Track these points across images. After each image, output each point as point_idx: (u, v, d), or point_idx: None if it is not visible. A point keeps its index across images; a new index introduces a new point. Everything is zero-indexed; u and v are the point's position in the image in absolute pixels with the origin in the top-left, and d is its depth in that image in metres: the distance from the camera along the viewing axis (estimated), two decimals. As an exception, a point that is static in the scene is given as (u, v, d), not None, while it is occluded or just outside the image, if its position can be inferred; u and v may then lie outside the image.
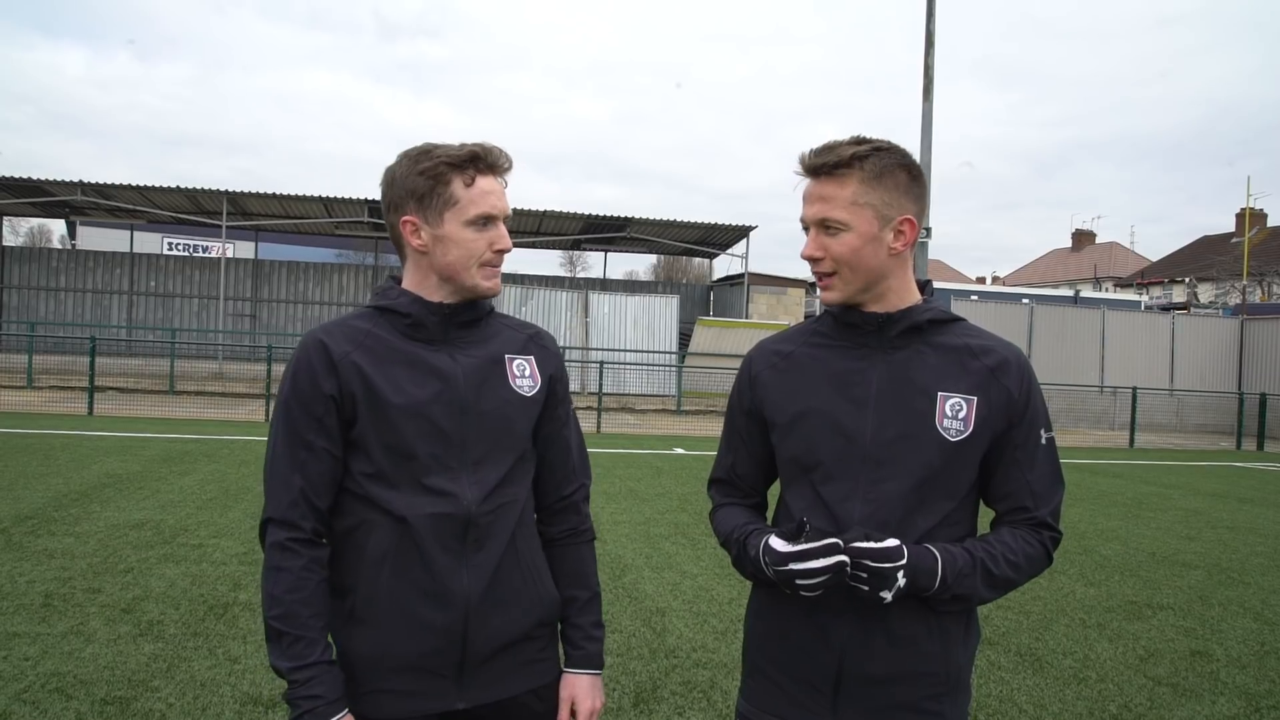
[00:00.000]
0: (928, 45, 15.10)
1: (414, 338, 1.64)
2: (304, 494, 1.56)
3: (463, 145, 1.62)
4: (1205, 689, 4.09)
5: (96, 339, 15.50)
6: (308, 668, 1.50)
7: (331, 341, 1.60)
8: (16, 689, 3.48)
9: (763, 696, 1.62)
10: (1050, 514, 1.58)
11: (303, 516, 1.56)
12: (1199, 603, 5.58)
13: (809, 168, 1.55)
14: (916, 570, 1.44)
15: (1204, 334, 23.09)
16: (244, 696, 3.51)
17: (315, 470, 1.57)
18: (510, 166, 1.66)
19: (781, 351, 1.68)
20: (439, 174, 1.59)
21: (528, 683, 1.68)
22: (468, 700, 1.62)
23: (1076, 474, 12.02)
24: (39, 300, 30.83)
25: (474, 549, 1.60)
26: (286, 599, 1.52)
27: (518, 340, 1.74)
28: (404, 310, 1.63)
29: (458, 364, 1.64)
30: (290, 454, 1.57)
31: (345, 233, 32.93)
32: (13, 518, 6.33)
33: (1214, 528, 8.34)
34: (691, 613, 4.89)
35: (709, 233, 29.56)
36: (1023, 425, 1.56)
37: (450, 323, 1.65)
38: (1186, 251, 50.73)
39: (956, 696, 1.57)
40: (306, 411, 1.58)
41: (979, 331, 1.62)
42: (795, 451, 1.60)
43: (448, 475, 1.59)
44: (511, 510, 1.65)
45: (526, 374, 1.71)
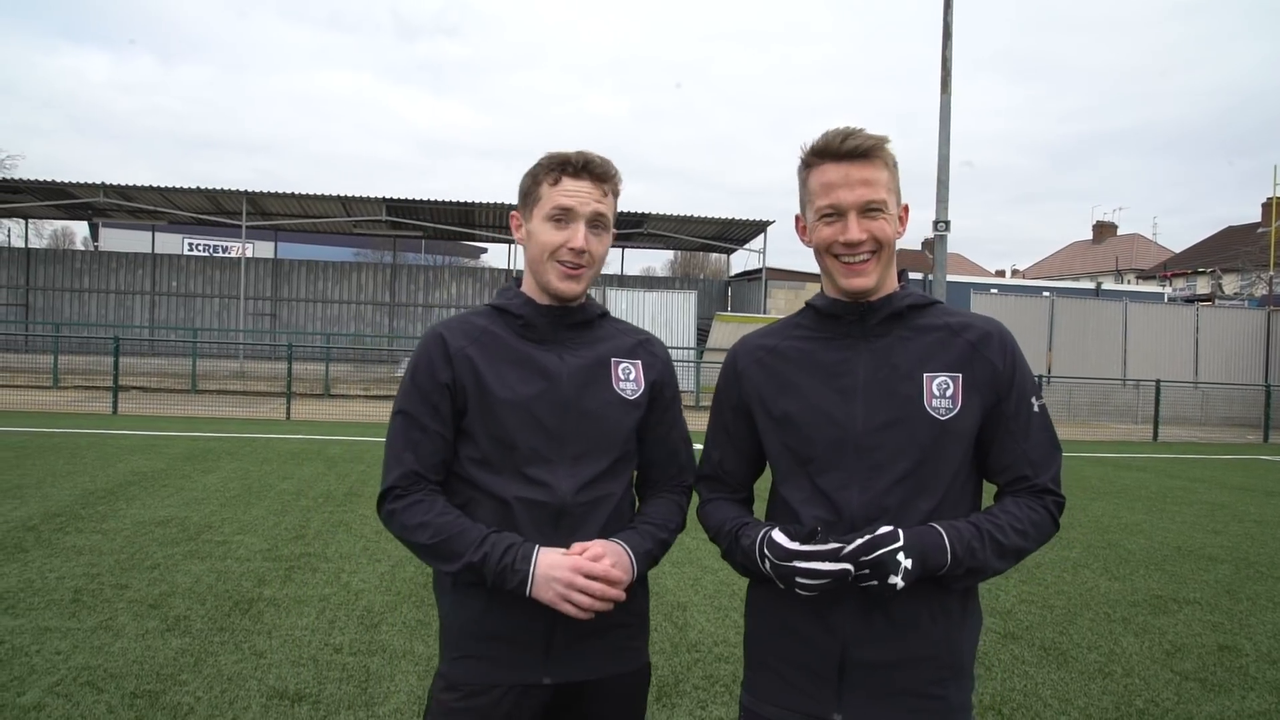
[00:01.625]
0: (945, 37, 14.97)
1: (526, 337, 1.75)
2: (416, 469, 1.70)
3: (565, 151, 1.74)
4: (1235, 684, 4.04)
5: (120, 339, 15.68)
6: (481, 545, 1.61)
7: (450, 336, 1.73)
8: (49, 682, 3.53)
9: (767, 688, 1.63)
10: (1051, 480, 1.59)
11: (414, 484, 1.69)
12: (1226, 597, 5.52)
13: (845, 150, 1.54)
14: (924, 549, 1.45)
15: (1229, 326, 22.80)
16: (270, 690, 3.55)
17: (428, 449, 1.70)
18: (609, 175, 1.75)
19: (766, 346, 1.70)
20: (536, 175, 1.75)
21: (613, 667, 1.74)
22: (553, 676, 1.69)
23: (1100, 468, 11.91)
24: (64, 301, 31.22)
25: (566, 535, 1.68)
26: (434, 521, 1.64)
27: (626, 344, 1.83)
28: (516, 311, 1.76)
29: (564, 363, 1.74)
30: (405, 435, 1.71)
31: (363, 232, 33.11)
32: (42, 515, 6.43)
33: (1240, 521, 8.24)
34: (713, 607, 4.89)
35: (726, 228, 29.49)
36: (1012, 396, 1.57)
37: (560, 324, 1.76)
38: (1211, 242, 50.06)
39: (960, 680, 1.57)
40: (423, 398, 1.71)
41: (957, 311, 1.65)
42: (788, 444, 1.61)
43: (546, 466, 1.69)
44: (606, 504, 1.73)
45: (631, 377, 1.79)
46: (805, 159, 1.61)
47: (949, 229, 15.05)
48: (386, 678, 3.73)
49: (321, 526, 6.43)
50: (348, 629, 4.29)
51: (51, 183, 25.80)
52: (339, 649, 4.03)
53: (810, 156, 1.60)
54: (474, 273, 36.00)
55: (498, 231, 29.57)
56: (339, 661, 3.89)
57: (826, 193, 1.57)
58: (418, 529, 1.64)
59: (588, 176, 1.72)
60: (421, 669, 3.84)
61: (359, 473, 8.79)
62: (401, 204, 27.15)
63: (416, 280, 33.66)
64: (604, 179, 1.74)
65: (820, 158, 1.58)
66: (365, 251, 40.80)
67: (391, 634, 4.25)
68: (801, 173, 1.64)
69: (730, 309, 32.15)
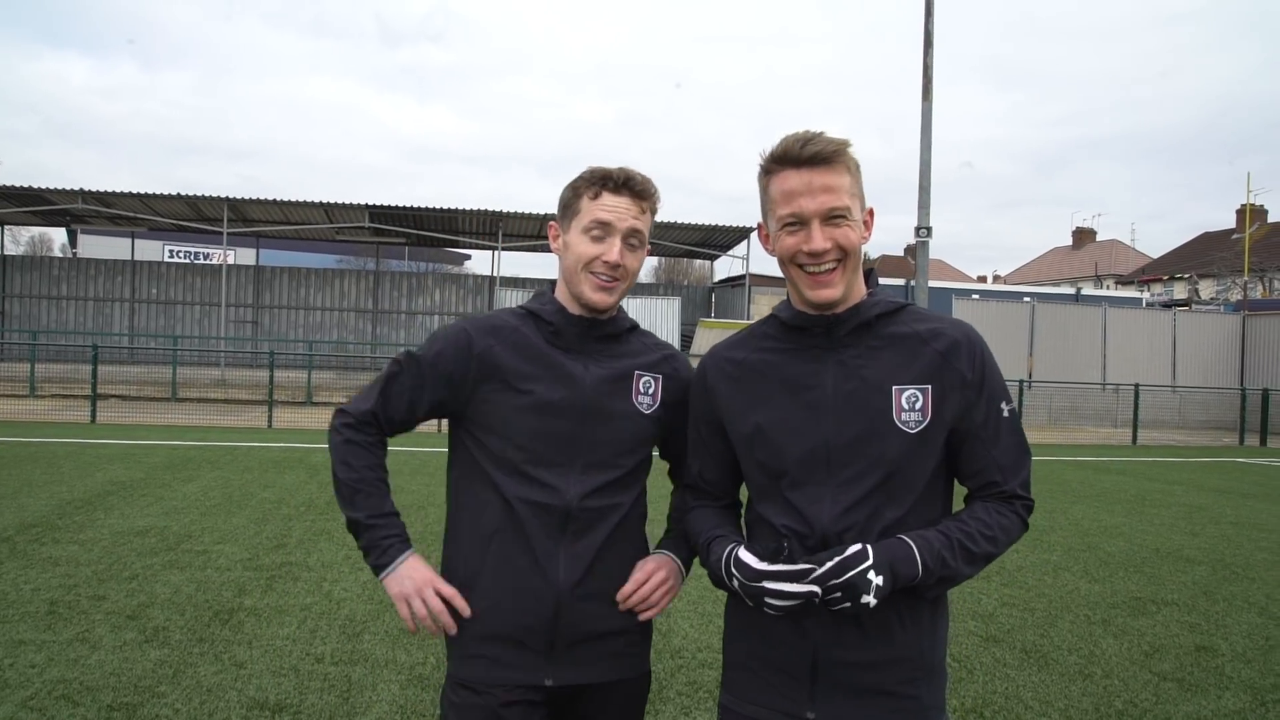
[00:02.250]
0: (926, 45, 15.10)
1: (554, 344, 1.79)
2: (375, 415, 1.79)
3: (607, 168, 1.79)
4: (1211, 684, 4.09)
5: (99, 347, 15.53)
6: (381, 516, 1.74)
7: (476, 334, 1.78)
8: (23, 696, 3.49)
9: (743, 687, 1.65)
10: (1020, 485, 1.59)
11: (371, 424, 1.79)
12: (1203, 598, 5.58)
13: (803, 158, 1.50)
14: (894, 562, 1.45)
15: (1206, 330, 23.07)
16: (250, 701, 3.52)
17: (396, 408, 1.79)
18: (648, 193, 1.79)
19: (734, 359, 1.68)
20: (577, 188, 1.79)
21: (614, 673, 1.78)
22: (555, 679, 1.73)
23: (1079, 471, 12.02)
24: (41, 309, 30.87)
25: (572, 540, 1.73)
26: (359, 465, 1.75)
27: (651, 358, 1.86)
28: (548, 318, 1.80)
29: (588, 372, 1.77)
30: (387, 384, 1.79)
31: (346, 238, 32.93)
32: (17, 526, 6.34)
33: (1217, 523, 8.33)
34: (696, 613, 4.89)
35: (710, 234, 29.57)
36: (981, 403, 1.56)
37: (588, 335, 1.80)
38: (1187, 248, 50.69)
39: (932, 679, 1.58)
40: (420, 373, 1.78)
41: (926, 315, 1.62)
42: (760, 460, 1.61)
43: (556, 470, 1.73)
44: (613, 513, 1.77)
45: (650, 391, 1.83)
46: (765, 165, 1.57)
47: (931, 235, 15.16)
48: (369, 687, 3.70)
49: (303, 535, 6.39)
50: (329, 638, 4.27)
51: (28, 189, 25.53)
52: (320, 659, 4.00)
53: (770, 163, 1.55)
54: (457, 279, 35.89)
55: (481, 238, 29.50)
56: (320, 671, 3.86)
57: (788, 201, 1.52)
58: (345, 465, 1.75)
59: (628, 193, 1.76)
60: (404, 678, 3.81)
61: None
62: (384, 210, 27.05)
63: (399, 287, 33.53)
64: (644, 196, 1.78)
65: (780, 164, 1.53)
66: (348, 258, 40.60)
67: (374, 643, 4.23)
68: (761, 179, 1.59)
69: (714, 315, 32.22)
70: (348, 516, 1.74)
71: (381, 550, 1.71)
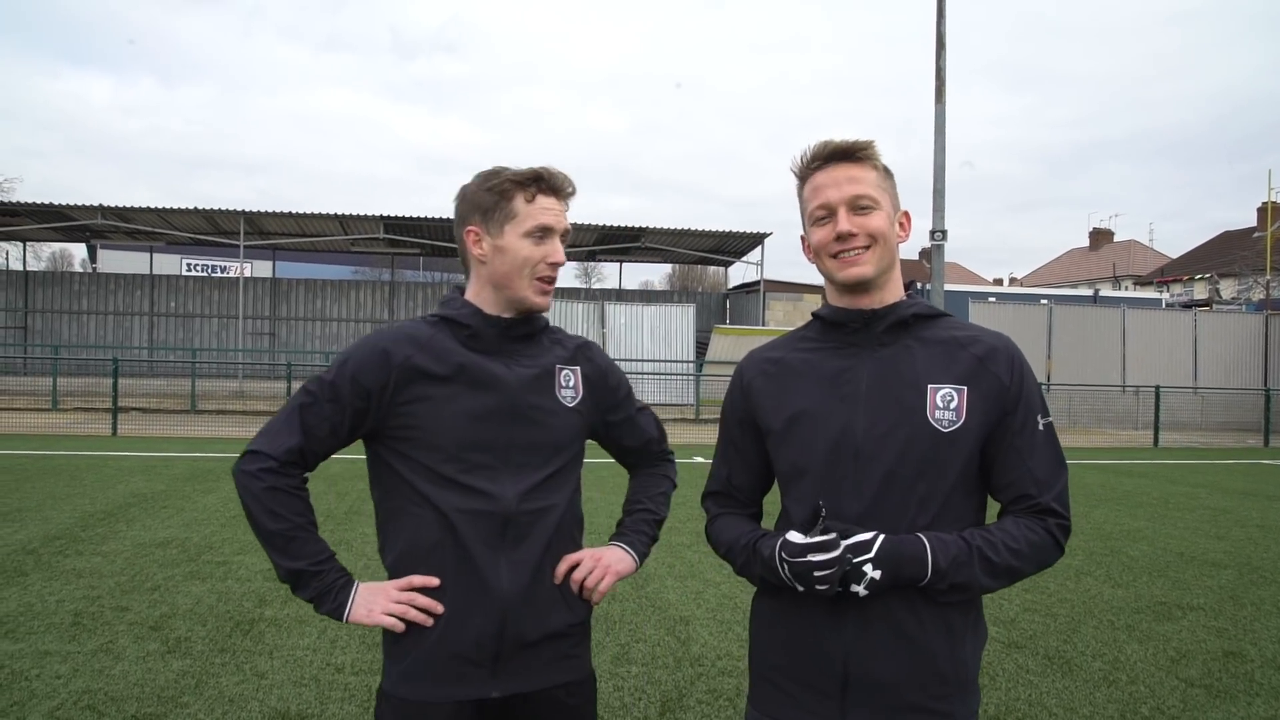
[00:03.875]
0: (939, 47, 15.06)
1: (472, 347, 1.74)
2: (301, 450, 1.69)
3: (529, 168, 1.75)
4: (1240, 690, 4.03)
5: (119, 360, 15.68)
6: (323, 562, 1.69)
7: (394, 347, 1.72)
8: (49, 706, 3.52)
9: (770, 702, 1.63)
10: (1054, 499, 1.55)
11: (291, 461, 1.69)
12: (1230, 603, 5.50)
13: (830, 153, 1.58)
14: (899, 560, 1.45)
15: (1227, 330, 22.82)
16: (272, 712, 3.53)
17: (316, 439, 1.71)
18: (573, 192, 1.79)
19: (772, 358, 1.70)
20: (504, 190, 1.73)
21: (559, 677, 1.75)
22: (501, 690, 1.70)
23: (1101, 474, 11.90)
24: (62, 323, 31.24)
25: (513, 546, 1.70)
26: (289, 513, 1.67)
27: (567, 351, 1.85)
28: (464, 321, 1.75)
29: (511, 371, 1.74)
30: (303, 415, 1.70)
31: (361, 250, 33.19)
32: (41, 538, 6.41)
33: (1243, 526, 8.22)
34: (716, 621, 4.87)
35: (724, 241, 29.56)
36: (1018, 412, 1.55)
37: (506, 335, 1.76)
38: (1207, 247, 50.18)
39: (965, 696, 1.56)
40: (337, 394, 1.70)
41: (965, 324, 1.64)
42: (792, 456, 1.61)
43: (489, 475, 1.70)
44: (551, 514, 1.74)
45: (571, 384, 1.82)
46: (799, 174, 1.64)
47: (946, 238, 15.09)
48: (389, 697, 3.71)
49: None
50: (349, 648, 4.28)
51: (49, 205, 25.86)
52: (341, 669, 4.02)
53: (802, 170, 1.63)
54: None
55: (495, 247, 29.63)
56: (341, 681, 3.87)
57: (816, 195, 1.59)
58: (273, 515, 1.66)
59: (556, 194, 1.76)
60: (424, 687, 3.82)
61: (359, 491, 8.77)
62: (399, 221, 27.22)
63: (415, 297, 33.72)
64: (569, 195, 1.79)
65: (809, 168, 1.61)
66: (363, 269, 40.86)
67: (393, 652, 4.24)
68: (797, 188, 1.66)
69: (729, 321, 32.18)
70: (286, 568, 1.67)
71: (335, 592, 1.68)
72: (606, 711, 3.67)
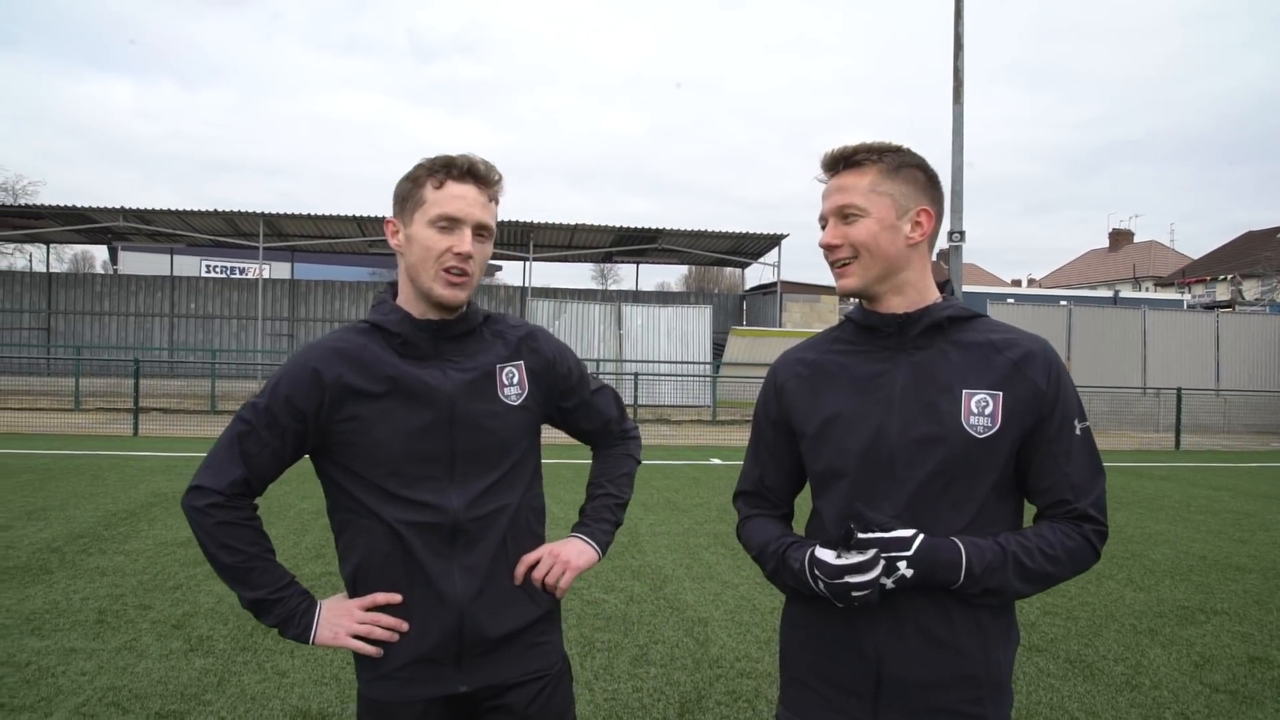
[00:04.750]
0: (957, 48, 14.98)
1: (405, 354, 1.68)
2: (246, 480, 1.66)
3: (446, 154, 1.67)
4: (1268, 696, 3.98)
5: (140, 361, 15.83)
6: (283, 589, 1.67)
7: (324, 366, 1.67)
8: (75, 703, 3.56)
9: (803, 705, 1.62)
10: (1092, 505, 1.54)
11: (237, 493, 1.66)
12: (1255, 607, 5.44)
13: (830, 162, 1.60)
14: (934, 563, 1.44)
15: (1250, 332, 22.53)
16: (293, 710, 3.56)
17: (259, 465, 1.67)
18: (494, 180, 1.69)
19: (805, 360, 1.69)
20: (416, 178, 1.67)
21: (527, 666, 1.74)
22: (469, 684, 1.70)
23: (1122, 477, 11.79)
24: (84, 325, 31.58)
25: (463, 553, 1.67)
26: (243, 545, 1.64)
27: (509, 346, 1.77)
28: (394, 329, 1.68)
29: (448, 378, 1.68)
30: (242, 444, 1.67)
31: (378, 251, 33.33)
32: (65, 537, 6.49)
33: (1267, 530, 8.12)
34: (734, 622, 4.86)
35: (740, 242, 29.50)
36: (1054, 417, 1.54)
37: (439, 338, 1.70)
38: (1230, 248, 49.60)
39: (999, 699, 1.55)
40: (272, 420, 1.66)
41: (1002, 326, 1.61)
42: (825, 459, 1.60)
43: (433, 487, 1.66)
44: (501, 516, 1.71)
45: (515, 381, 1.75)
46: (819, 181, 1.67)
47: (964, 239, 14.99)
48: (408, 696, 3.73)
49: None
50: (369, 647, 4.30)
51: (71, 208, 26.16)
52: (361, 668, 4.04)
53: (818, 178, 1.65)
54: (489, 290, 36.17)
55: (512, 249, 29.73)
56: (361, 680, 3.89)
57: (821, 205, 1.63)
58: (228, 549, 1.64)
59: (473, 180, 1.66)
60: (443, 687, 3.84)
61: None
62: (416, 223, 27.32)
63: (432, 298, 33.85)
64: (489, 184, 1.69)
65: (822, 175, 1.64)
66: (381, 271, 41.05)
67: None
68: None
69: (746, 323, 32.11)
70: (248, 598, 1.65)
71: (299, 616, 1.66)
72: (625, 712, 3.67)
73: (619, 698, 3.80)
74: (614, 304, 25.37)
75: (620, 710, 3.68)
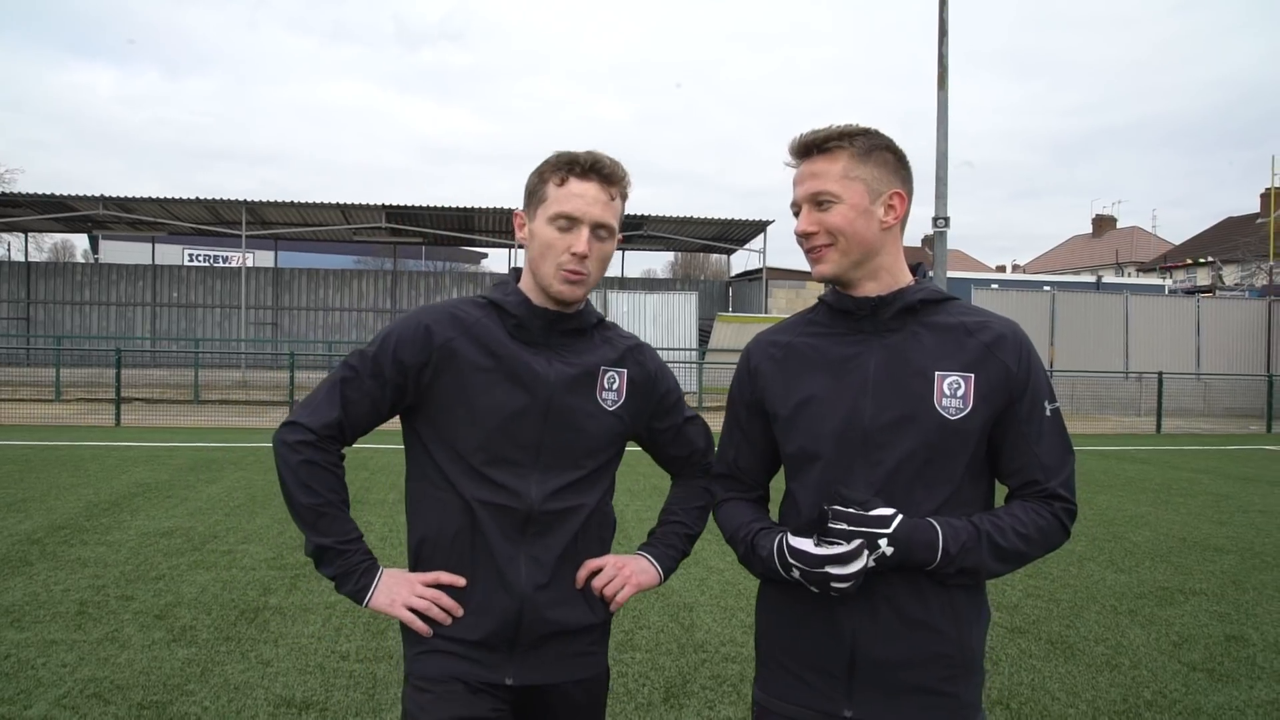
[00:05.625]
0: (941, 35, 14.97)
1: (517, 337, 1.70)
2: (340, 424, 1.67)
3: (573, 151, 1.69)
4: (1242, 674, 4.04)
5: (122, 351, 15.69)
6: (350, 541, 1.68)
7: (437, 326, 1.69)
8: (56, 695, 3.54)
9: (778, 685, 1.64)
10: (1061, 485, 1.57)
11: (329, 435, 1.67)
12: (1232, 587, 5.51)
13: (800, 148, 1.59)
14: (912, 543, 1.46)
15: (1230, 316, 22.76)
16: (277, 699, 3.55)
17: (357, 413, 1.69)
18: (619, 178, 1.70)
19: (779, 342, 1.70)
20: (543, 174, 1.70)
21: (574, 673, 1.74)
22: (516, 678, 1.69)
23: (1103, 460, 11.90)
24: (65, 314, 31.25)
25: (533, 543, 1.68)
26: (323, 489, 1.65)
27: (616, 353, 1.79)
28: (511, 310, 1.70)
29: (551, 368, 1.70)
30: (344, 389, 1.68)
31: (363, 239, 33.12)
32: (46, 528, 6.43)
33: (1245, 512, 8.23)
34: (719, 608, 4.88)
35: (726, 228, 29.50)
36: (1025, 399, 1.56)
37: (553, 329, 1.72)
38: (1210, 234, 50.01)
39: (970, 677, 1.57)
40: (378, 369, 1.67)
41: (973, 309, 1.63)
42: (799, 441, 1.61)
43: (516, 471, 1.67)
44: (577, 514, 1.71)
45: (615, 387, 1.76)
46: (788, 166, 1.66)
47: (949, 225, 15.04)
48: (394, 684, 3.73)
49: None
50: (354, 636, 4.30)
51: (50, 196, 25.83)
52: (345, 656, 4.03)
53: (788, 164, 1.65)
54: (474, 278, 36.06)
55: (498, 236, 29.60)
56: (346, 669, 3.89)
57: (793, 191, 1.62)
58: (307, 489, 1.64)
59: (595, 178, 1.67)
60: (428, 674, 3.83)
61: (363, 479, 8.80)
62: (401, 210, 27.17)
63: (417, 286, 33.68)
64: (612, 181, 1.69)
65: (792, 162, 1.63)
66: (365, 259, 40.83)
67: (398, 640, 4.25)
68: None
69: (731, 309, 32.15)
70: (315, 543, 1.66)
71: (359, 575, 1.66)
72: (610, 698, 3.66)
73: (604, 683, 3.81)
74: (600, 290, 25.33)
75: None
